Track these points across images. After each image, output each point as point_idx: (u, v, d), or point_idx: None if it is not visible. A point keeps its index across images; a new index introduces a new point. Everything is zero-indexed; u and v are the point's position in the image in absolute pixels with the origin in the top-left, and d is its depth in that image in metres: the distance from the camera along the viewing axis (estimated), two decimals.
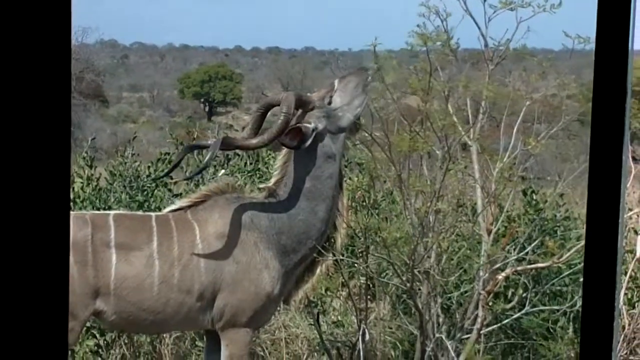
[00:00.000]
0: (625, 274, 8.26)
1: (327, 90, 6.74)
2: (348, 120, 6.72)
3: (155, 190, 10.12)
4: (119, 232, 6.56)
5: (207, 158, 6.50)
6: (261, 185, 6.85)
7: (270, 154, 9.83)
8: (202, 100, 47.04)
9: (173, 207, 6.89)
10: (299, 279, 6.93)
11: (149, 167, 10.41)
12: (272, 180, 6.79)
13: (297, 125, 6.52)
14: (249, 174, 10.13)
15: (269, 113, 6.69)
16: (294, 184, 6.68)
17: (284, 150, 6.75)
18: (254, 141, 6.53)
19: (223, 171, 7.44)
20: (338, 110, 6.68)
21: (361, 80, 6.77)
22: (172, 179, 9.63)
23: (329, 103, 6.67)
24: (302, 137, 6.50)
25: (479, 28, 7.84)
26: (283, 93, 6.80)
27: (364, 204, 8.24)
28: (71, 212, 6.90)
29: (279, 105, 6.53)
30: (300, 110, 6.63)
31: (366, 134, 7.81)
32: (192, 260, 6.55)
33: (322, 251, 6.87)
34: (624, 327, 8.36)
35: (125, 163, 10.39)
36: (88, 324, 8.22)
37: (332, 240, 6.95)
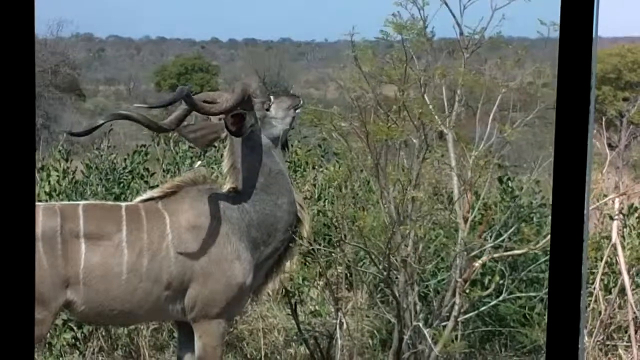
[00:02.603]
0: (601, 259, 8.30)
1: (265, 98, 6.82)
2: (278, 132, 6.88)
3: (132, 183, 10.10)
4: (88, 222, 6.56)
5: (170, 98, 6.52)
6: (225, 188, 6.84)
7: None
8: None
9: (144, 196, 6.89)
10: (268, 273, 6.95)
11: (125, 159, 10.39)
12: (227, 179, 6.84)
13: (240, 111, 6.59)
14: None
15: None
16: (249, 180, 6.75)
17: (227, 150, 6.83)
18: (212, 108, 6.57)
19: (199, 162, 7.44)
20: (272, 119, 6.78)
21: (293, 104, 6.92)
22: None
23: (267, 109, 6.78)
24: (241, 126, 6.58)
25: (454, 16, 7.85)
26: (218, 92, 7.09)
27: (341, 193, 8.23)
28: (41, 204, 6.92)
29: (212, 102, 6.67)
30: (242, 106, 6.69)
31: (343, 124, 7.81)
32: (161, 249, 6.57)
33: (290, 244, 6.92)
34: (600, 313, 8.41)
35: (102, 156, 10.37)
36: (65, 317, 8.20)
37: (299, 233, 7.00)
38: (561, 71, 2.63)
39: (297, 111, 6.98)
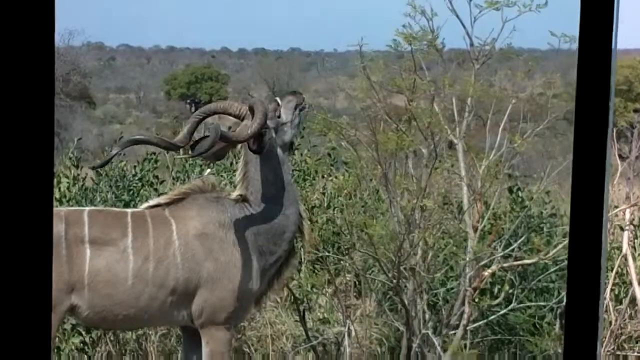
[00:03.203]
0: (612, 270, 8.29)
1: (274, 105, 6.81)
2: (290, 136, 6.87)
3: (142, 190, 10.11)
4: (93, 227, 6.56)
5: (209, 142, 6.45)
6: (233, 195, 6.83)
7: None
8: (188, 101, 46.91)
9: (151, 203, 6.88)
10: (269, 281, 6.96)
11: (134, 167, 10.40)
12: (237, 187, 6.83)
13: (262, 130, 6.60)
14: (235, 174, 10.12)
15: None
16: (263, 190, 6.74)
17: (241, 160, 6.82)
18: (245, 133, 6.55)
19: (209, 170, 7.45)
20: (284, 125, 6.77)
21: (299, 101, 6.89)
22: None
23: (278, 116, 6.77)
24: (261, 143, 6.57)
25: (464, 28, 7.87)
26: (229, 102, 6.97)
27: (350, 201, 8.24)
28: None
29: (222, 112, 6.69)
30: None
31: (352, 133, 7.83)
32: (167, 255, 6.56)
33: (291, 254, 6.94)
34: (610, 323, 8.39)
35: (111, 163, 10.36)
36: (74, 322, 8.21)
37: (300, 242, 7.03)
38: (580, 82, 2.63)
39: (303, 111, 6.96)
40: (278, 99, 6.88)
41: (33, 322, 2.34)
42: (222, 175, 9.83)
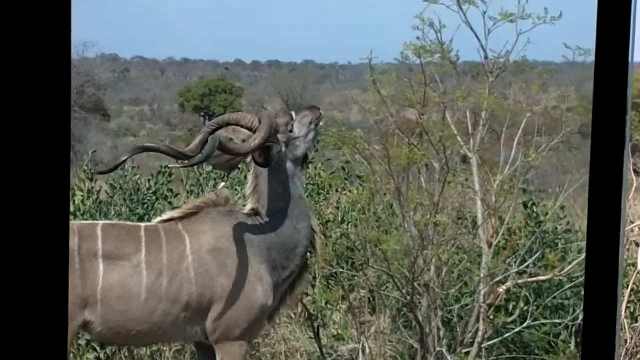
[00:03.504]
0: (627, 287, 8.23)
1: (287, 119, 6.79)
2: (302, 150, 6.83)
3: (156, 203, 10.11)
4: (106, 242, 6.54)
5: (205, 153, 6.44)
6: (246, 209, 6.81)
7: None
8: (202, 113, 46.99)
9: (164, 217, 6.86)
10: (282, 297, 6.94)
11: (149, 180, 10.40)
12: (249, 201, 6.81)
13: (267, 144, 6.57)
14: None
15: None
16: (271, 204, 6.72)
17: (251, 173, 6.81)
18: (246, 146, 6.54)
19: (223, 184, 7.43)
20: (296, 139, 6.75)
21: (314, 117, 6.86)
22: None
23: (290, 130, 6.75)
24: (268, 156, 6.55)
25: (478, 40, 7.85)
26: (241, 113, 6.89)
27: (364, 216, 8.21)
28: None
29: (235, 124, 6.65)
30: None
31: (365, 147, 7.81)
32: (181, 270, 6.54)
33: (304, 269, 6.92)
34: (626, 341, 8.33)
35: (126, 176, 10.37)
36: (88, 337, 8.20)
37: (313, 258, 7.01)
38: (596, 96, 2.61)
39: (319, 125, 6.94)
40: (293, 113, 6.86)
41: (49, 339, 2.32)
42: (236, 189, 9.82)
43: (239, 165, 8.90)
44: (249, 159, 6.78)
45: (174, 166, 7.47)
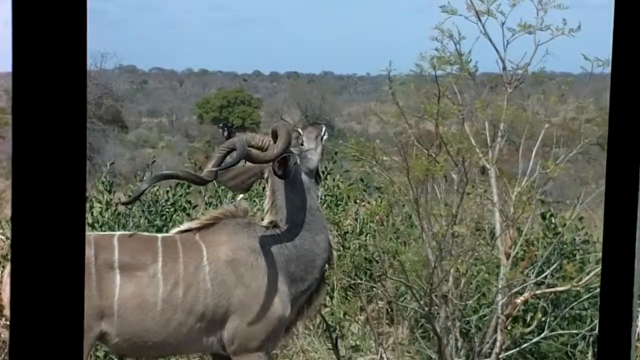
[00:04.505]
0: None
1: (296, 133, 6.85)
2: (314, 163, 6.90)
3: (174, 215, 10.14)
4: (122, 253, 6.56)
5: (236, 157, 6.46)
6: (265, 221, 6.83)
7: None
8: (220, 125, 47.11)
9: (181, 228, 6.89)
10: (300, 309, 6.95)
11: (167, 191, 10.43)
12: (267, 214, 6.84)
13: (286, 154, 6.61)
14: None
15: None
16: (290, 216, 6.74)
17: (269, 187, 6.85)
18: (271, 153, 6.57)
19: (241, 195, 7.45)
20: (308, 152, 6.80)
21: (319, 132, 6.96)
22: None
23: (302, 143, 6.79)
24: (286, 167, 6.59)
25: (497, 51, 7.85)
26: (252, 134, 6.99)
27: (382, 227, 8.22)
28: None
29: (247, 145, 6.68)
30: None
31: (384, 158, 7.82)
32: (197, 281, 6.55)
33: (322, 282, 6.94)
34: None
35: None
36: (106, 349, 8.22)
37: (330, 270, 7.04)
38: (613, 106, 2.61)
39: (324, 138, 6.99)
40: (299, 129, 6.92)
41: (65, 351, 2.34)
42: (254, 201, 9.85)
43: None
44: (266, 174, 6.81)
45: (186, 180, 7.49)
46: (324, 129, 7.01)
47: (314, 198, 6.83)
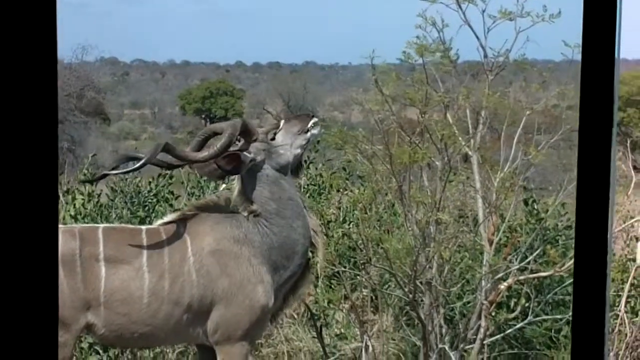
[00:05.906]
0: (627, 281, 8.25)
1: (272, 126, 6.84)
2: (286, 159, 6.79)
3: (157, 206, 10.12)
4: (107, 245, 6.56)
5: (143, 160, 6.47)
6: (247, 210, 6.82)
7: None
8: (203, 116, 46.98)
9: (165, 219, 6.88)
10: (285, 297, 6.94)
11: (149, 182, 10.41)
12: (234, 202, 6.82)
13: (237, 152, 6.59)
14: None
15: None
16: (264, 206, 6.72)
17: (236, 177, 6.81)
18: (195, 154, 6.58)
19: (224, 185, 7.44)
20: (279, 147, 6.76)
21: (304, 125, 6.85)
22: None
23: (272, 139, 6.75)
24: (238, 164, 6.58)
25: (478, 39, 7.86)
26: (228, 121, 6.93)
27: (366, 215, 8.23)
28: (60, 227, 6.88)
29: (219, 132, 6.65)
30: (242, 140, 6.68)
31: (367, 146, 7.82)
32: (182, 272, 6.55)
33: (306, 269, 6.91)
34: (626, 335, 8.35)
35: (126, 179, 10.38)
36: (91, 340, 8.22)
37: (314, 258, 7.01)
38: (583, 93, 2.63)
39: (314, 131, 6.92)
40: (283, 121, 6.87)
41: (39, 344, 2.34)
42: None
43: None
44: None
45: (115, 173, 7.42)
46: (312, 121, 6.93)
47: (287, 189, 6.78)
